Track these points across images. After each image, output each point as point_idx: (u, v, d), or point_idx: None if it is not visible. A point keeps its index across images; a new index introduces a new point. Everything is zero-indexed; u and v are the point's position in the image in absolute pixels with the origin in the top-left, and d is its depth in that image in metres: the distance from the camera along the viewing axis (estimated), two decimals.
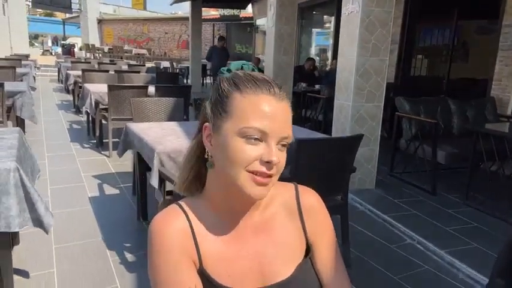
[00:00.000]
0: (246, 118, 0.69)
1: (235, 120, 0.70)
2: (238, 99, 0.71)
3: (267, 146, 0.70)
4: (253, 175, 0.70)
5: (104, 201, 3.31)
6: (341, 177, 2.34)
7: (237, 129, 0.69)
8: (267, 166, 0.70)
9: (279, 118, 0.71)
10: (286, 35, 5.67)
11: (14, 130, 2.30)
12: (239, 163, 0.69)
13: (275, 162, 0.69)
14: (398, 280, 2.34)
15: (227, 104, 0.72)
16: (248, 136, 0.69)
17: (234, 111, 0.71)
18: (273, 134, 0.70)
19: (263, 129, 0.69)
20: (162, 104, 3.46)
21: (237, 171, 0.70)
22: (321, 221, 0.86)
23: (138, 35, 22.47)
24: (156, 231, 0.74)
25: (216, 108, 0.73)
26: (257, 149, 0.70)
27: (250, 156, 0.69)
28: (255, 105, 0.70)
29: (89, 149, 4.87)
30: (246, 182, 0.70)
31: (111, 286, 2.13)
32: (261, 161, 0.70)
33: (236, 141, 0.69)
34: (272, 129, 0.70)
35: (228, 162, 0.71)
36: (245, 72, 0.76)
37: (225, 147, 0.71)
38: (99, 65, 8.81)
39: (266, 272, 0.78)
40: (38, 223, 1.78)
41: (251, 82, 0.72)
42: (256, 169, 0.70)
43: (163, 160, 2.25)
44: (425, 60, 7.27)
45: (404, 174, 4.08)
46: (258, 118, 0.69)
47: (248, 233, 0.80)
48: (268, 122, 0.69)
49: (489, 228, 3.02)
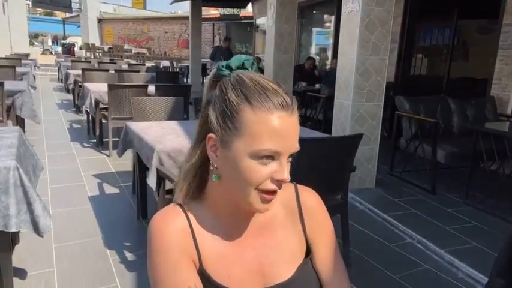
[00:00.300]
0: (259, 139, 0.67)
1: (247, 139, 0.67)
2: (249, 116, 0.67)
3: (279, 164, 0.68)
4: (263, 194, 0.70)
5: (103, 201, 3.31)
6: (341, 176, 2.34)
7: (249, 150, 0.67)
8: (278, 184, 0.69)
9: (291, 135, 0.69)
10: (286, 34, 5.67)
11: (14, 129, 2.30)
12: (251, 183, 0.68)
13: (287, 180, 0.69)
14: (398, 279, 2.34)
15: (237, 119, 0.68)
16: (261, 157, 0.67)
17: (245, 129, 0.67)
18: (285, 152, 0.68)
19: (277, 149, 0.67)
20: (162, 103, 3.46)
21: (247, 190, 0.69)
22: (320, 221, 0.86)
23: (138, 34, 22.47)
24: (155, 230, 0.74)
25: (224, 122, 0.69)
26: (269, 168, 0.68)
27: (262, 177, 0.68)
28: (268, 124, 0.67)
29: (89, 148, 4.87)
30: (255, 200, 0.70)
31: (111, 285, 2.13)
32: (273, 180, 0.69)
33: (248, 161, 0.68)
34: (285, 147, 0.68)
35: (238, 181, 0.69)
36: (252, 78, 0.71)
37: (236, 166, 0.69)
38: (99, 64, 8.81)
39: (266, 273, 0.78)
40: (34, 225, 1.76)
41: (262, 95, 0.68)
42: (268, 188, 0.69)
43: (162, 159, 2.25)
44: (426, 60, 7.26)
45: (404, 174, 4.08)
46: (272, 139, 0.67)
47: (248, 234, 0.79)
48: (282, 140, 0.68)
49: (489, 227, 3.02)
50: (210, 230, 0.77)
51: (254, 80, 0.70)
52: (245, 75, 0.72)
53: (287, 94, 0.70)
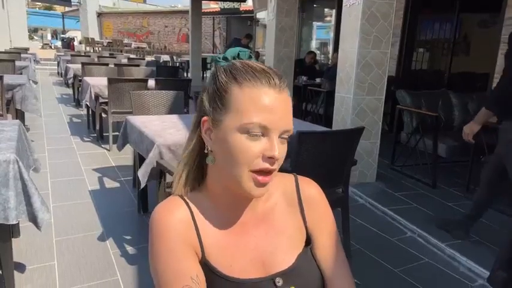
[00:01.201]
0: (246, 113, 0.68)
1: (235, 115, 0.68)
2: (236, 93, 0.69)
3: (269, 140, 0.69)
4: (255, 175, 0.69)
5: (104, 194, 3.31)
6: (342, 170, 2.33)
7: (237, 125, 0.68)
8: (270, 161, 0.69)
9: (279, 111, 0.69)
10: (287, 28, 5.64)
11: (13, 123, 2.29)
12: (242, 162, 0.68)
13: (278, 156, 0.68)
14: (399, 273, 2.34)
15: (226, 98, 0.70)
16: (249, 132, 0.68)
17: (233, 106, 0.69)
18: (274, 128, 0.68)
19: (264, 123, 0.67)
20: (162, 97, 3.45)
21: (240, 171, 0.69)
22: (321, 211, 0.86)
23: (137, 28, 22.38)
24: (157, 221, 0.74)
25: (215, 102, 0.71)
26: (259, 145, 0.68)
27: (253, 153, 0.68)
28: (255, 99, 0.68)
29: (89, 143, 4.86)
30: (248, 183, 0.70)
31: (112, 278, 2.13)
32: (264, 157, 0.69)
33: (237, 137, 0.68)
34: (273, 123, 0.68)
35: (230, 160, 0.69)
36: (243, 62, 0.73)
37: (226, 144, 0.69)
38: (99, 58, 8.78)
39: (267, 262, 0.78)
40: (32, 217, 1.77)
41: (250, 74, 0.70)
42: (260, 166, 0.69)
43: (163, 152, 2.24)
44: (427, 54, 7.23)
45: (405, 168, 4.07)
46: (259, 113, 0.67)
47: (249, 224, 0.79)
48: (269, 115, 0.68)
49: (490, 222, 3.02)
50: (211, 220, 0.77)
51: (244, 63, 0.73)
52: (238, 61, 0.75)
53: (276, 74, 0.71)
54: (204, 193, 0.79)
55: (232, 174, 0.70)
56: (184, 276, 0.70)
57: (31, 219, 1.78)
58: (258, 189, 0.71)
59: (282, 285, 0.76)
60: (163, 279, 0.71)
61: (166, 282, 0.70)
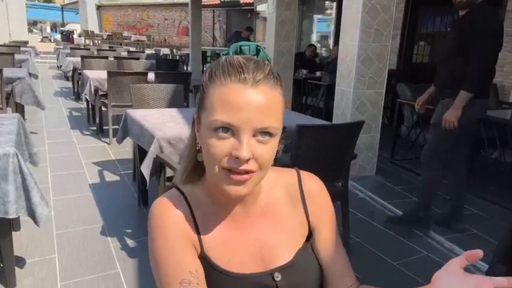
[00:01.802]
0: (213, 111, 0.66)
1: (207, 114, 0.68)
2: (211, 92, 0.68)
3: (237, 140, 0.65)
4: (228, 172, 0.67)
5: (104, 188, 3.32)
6: (342, 163, 2.33)
7: (207, 123, 0.67)
8: (237, 162, 0.65)
9: (250, 107, 0.64)
10: (287, 21, 5.60)
11: (13, 116, 2.29)
12: (212, 159, 0.67)
13: (245, 157, 0.64)
14: (398, 266, 2.35)
15: (204, 97, 0.70)
16: (216, 130, 0.66)
17: (206, 104, 0.69)
18: (242, 126, 0.64)
19: (228, 121, 0.64)
20: (162, 91, 3.44)
21: (213, 167, 0.68)
22: (323, 206, 0.86)
23: (137, 21, 22.26)
24: (157, 215, 0.74)
25: (199, 101, 0.72)
26: (227, 144, 0.65)
27: (220, 152, 0.66)
28: (221, 96, 0.66)
29: (89, 136, 4.86)
30: (221, 179, 0.68)
31: (113, 271, 2.14)
32: (230, 157, 0.65)
33: (208, 135, 0.67)
34: (241, 121, 0.64)
35: (206, 158, 0.70)
36: (228, 57, 0.71)
37: (203, 142, 0.70)
38: (99, 51, 8.75)
39: (267, 257, 0.78)
40: (31, 212, 1.77)
41: (223, 70, 0.67)
42: (228, 165, 0.66)
43: (163, 146, 2.24)
44: (428, 47, 7.20)
45: (405, 161, 4.07)
46: (223, 110, 0.65)
47: (248, 219, 0.79)
48: (235, 113, 0.64)
49: (490, 215, 3.03)
50: (210, 215, 0.77)
51: (228, 59, 0.70)
52: (228, 56, 0.72)
53: (253, 68, 0.67)
54: (202, 188, 0.79)
55: (209, 171, 0.71)
56: (183, 270, 0.70)
57: (29, 214, 1.78)
58: (234, 187, 0.67)
59: (281, 280, 0.76)
60: (162, 273, 0.71)
61: (166, 276, 0.71)
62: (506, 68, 4.89)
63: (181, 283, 0.69)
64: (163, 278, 0.71)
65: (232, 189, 0.68)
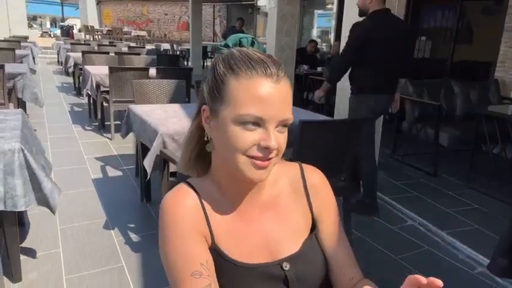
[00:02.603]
0: (242, 105, 0.68)
1: (232, 107, 0.69)
2: (233, 84, 0.69)
3: (265, 131, 0.69)
4: (252, 159, 0.70)
5: (107, 183, 3.33)
6: (344, 159, 2.34)
7: (233, 117, 0.69)
8: (265, 152, 0.69)
9: (276, 101, 0.69)
10: (288, 16, 5.58)
11: (16, 111, 2.30)
12: (237, 148, 0.69)
13: (274, 147, 0.69)
14: (399, 260, 2.37)
15: (223, 88, 0.70)
16: (245, 123, 0.68)
17: (229, 97, 0.69)
18: (270, 119, 0.68)
19: (259, 115, 0.68)
20: (164, 86, 3.44)
21: (235, 156, 0.70)
22: (325, 198, 0.88)
23: (137, 16, 22.19)
24: (168, 208, 0.76)
25: (213, 92, 0.72)
26: (254, 135, 0.69)
27: (247, 143, 0.69)
28: (250, 90, 0.68)
29: (91, 132, 4.87)
30: (245, 166, 0.70)
31: (117, 265, 2.16)
32: (259, 147, 0.69)
33: (233, 128, 0.69)
34: (269, 113, 0.68)
35: (227, 148, 0.71)
36: (242, 50, 0.73)
37: (223, 133, 0.71)
38: (99, 46, 8.71)
39: (274, 248, 0.80)
40: (45, 202, 1.80)
41: (246, 64, 0.70)
42: (255, 154, 0.69)
43: (166, 142, 2.25)
44: (429, 42, 7.18)
45: (406, 157, 4.09)
46: (254, 104, 0.68)
47: (255, 212, 0.81)
48: (265, 106, 0.68)
49: (490, 210, 3.05)
50: (218, 207, 0.79)
51: (243, 52, 0.72)
52: (237, 49, 0.74)
53: (274, 63, 0.71)
54: (210, 181, 0.81)
55: (230, 160, 0.72)
56: (194, 262, 0.72)
57: (44, 204, 1.81)
58: (257, 172, 0.71)
59: (290, 269, 0.78)
60: (173, 265, 0.73)
61: (177, 268, 0.72)
62: (508, 64, 4.89)
63: (193, 275, 0.71)
64: (174, 270, 0.73)
65: (255, 174, 0.71)
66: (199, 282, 0.70)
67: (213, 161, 0.80)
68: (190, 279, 0.70)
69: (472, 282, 2.22)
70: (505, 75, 4.90)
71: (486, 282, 2.21)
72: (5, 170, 1.69)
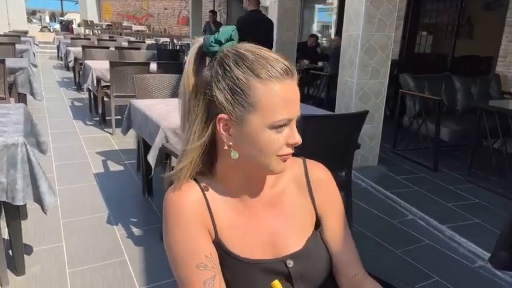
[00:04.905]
0: (274, 110, 0.69)
1: (263, 112, 0.69)
2: (260, 89, 0.68)
3: (290, 129, 0.72)
4: (283, 158, 0.73)
5: (108, 178, 3.34)
6: (345, 153, 2.35)
7: (268, 123, 0.69)
8: (292, 148, 0.74)
9: (296, 98, 0.72)
10: (289, 11, 5.56)
11: (18, 106, 2.30)
12: (271, 152, 0.72)
13: (300, 142, 0.73)
14: (400, 254, 2.38)
15: (249, 95, 0.68)
16: (279, 126, 0.70)
17: (259, 104, 0.68)
18: (294, 117, 0.72)
19: (290, 117, 0.71)
20: (165, 81, 3.44)
21: (269, 159, 0.72)
22: (329, 194, 0.87)
23: (137, 11, 22.07)
24: (172, 201, 0.76)
25: (235, 100, 0.69)
26: (283, 135, 0.71)
27: (280, 144, 0.72)
28: (278, 92, 0.69)
29: (92, 126, 4.87)
30: (276, 164, 0.73)
31: (120, 259, 2.18)
32: (288, 144, 0.72)
33: (268, 132, 0.70)
34: (295, 113, 0.72)
35: (259, 152, 0.71)
36: (249, 50, 0.70)
37: (255, 139, 0.70)
38: (99, 41, 8.68)
39: (278, 245, 0.80)
40: (39, 200, 1.79)
41: (266, 66, 0.69)
42: (285, 152, 0.73)
43: (168, 136, 2.25)
44: (430, 37, 7.16)
45: (407, 152, 4.09)
46: (285, 106, 0.70)
47: (259, 208, 0.81)
48: (292, 107, 0.71)
49: (491, 205, 3.06)
50: (222, 202, 0.79)
51: (253, 53, 0.71)
52: (242, 48, 0.72)
53: (286, 59, 0.72)
54: (215, 177, 0.80)
55: (262, 162, 0.73)
56: (199, 255, 0.73)
57: (37, 201, 1.81)
58: (283, 165, 0.75)
59: (293, 266, 0.79)
60: (178, 257, 0.73)
61: (182, 260, 0.73)
62: (509, 59, 4.88)
63: (198, 267, 0.71)
64: (179, 263, 0.73)
65: (282, 167, 0.75)
66: (204, 274, 0.71)
67: (224, 164, 0.78)
68: (195, 271, 0.71)
69: (472, 276, 2.24)
70: (506, 70, 4.89)
71: (486, 275, 2.22)
72: (8, 162, 1.70)
